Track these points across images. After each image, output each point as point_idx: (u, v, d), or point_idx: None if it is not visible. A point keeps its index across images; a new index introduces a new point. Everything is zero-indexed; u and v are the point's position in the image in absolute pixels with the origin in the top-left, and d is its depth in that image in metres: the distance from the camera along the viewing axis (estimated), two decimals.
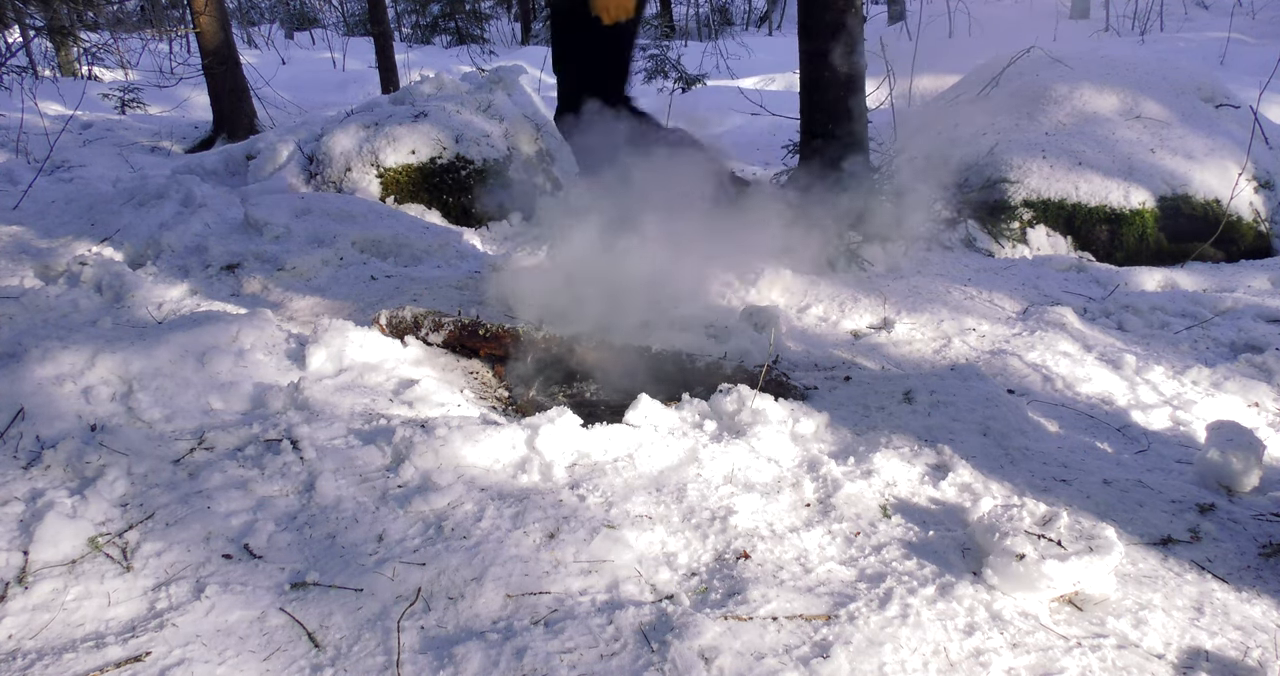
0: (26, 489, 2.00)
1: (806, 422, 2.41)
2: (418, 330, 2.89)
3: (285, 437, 2.23)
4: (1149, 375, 2.86)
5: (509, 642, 1.58)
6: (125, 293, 3.31)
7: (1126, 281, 3.85)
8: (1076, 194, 4.49)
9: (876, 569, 1.81)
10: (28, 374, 2.38)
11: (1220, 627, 1.68)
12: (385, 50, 7.60)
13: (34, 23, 9.31)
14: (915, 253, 4.17)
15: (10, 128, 6.43)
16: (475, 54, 13.05)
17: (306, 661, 1.56)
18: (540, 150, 5.62)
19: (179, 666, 1.52)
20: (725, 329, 3.16)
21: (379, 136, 5.05)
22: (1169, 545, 1.95)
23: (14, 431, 2.18)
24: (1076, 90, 4.97)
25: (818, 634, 1.60)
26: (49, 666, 1.53)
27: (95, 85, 9.97)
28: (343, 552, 1.85)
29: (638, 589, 1.75)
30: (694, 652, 1.54)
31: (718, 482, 2.11)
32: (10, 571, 1.75)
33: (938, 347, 3.11)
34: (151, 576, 1.76)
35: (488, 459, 2.16)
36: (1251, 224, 4.57)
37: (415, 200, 4.97)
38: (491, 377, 2.84)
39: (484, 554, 1.82)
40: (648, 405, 2.37)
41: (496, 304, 3.40)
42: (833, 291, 3.50)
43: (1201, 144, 4.71)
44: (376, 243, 4.23)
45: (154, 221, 4.16)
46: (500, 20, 18.09)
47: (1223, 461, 2.18)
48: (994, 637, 1.61)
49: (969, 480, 2.18)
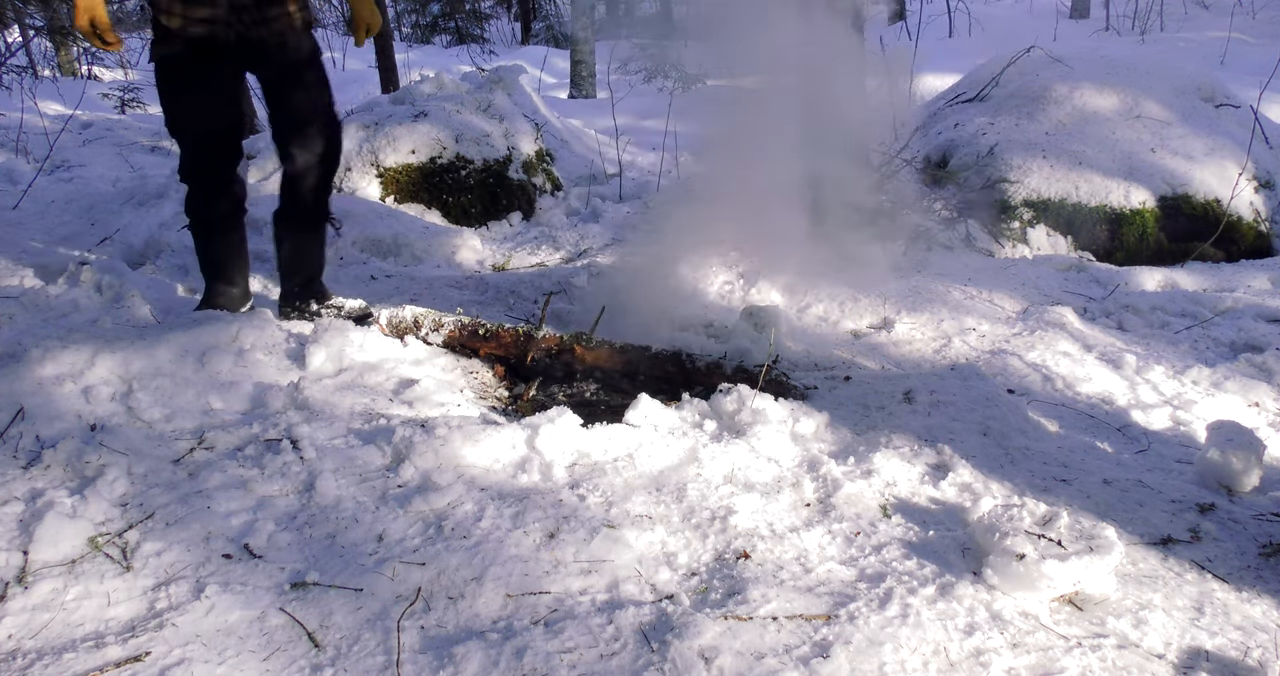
0: (26, 488, 1.99)
1: (806, 422, 2.41)
2: (418, 330, 2.89)
3: (285, 437, 2.23)
4: (1149, 375, 2.86)
5: (509, 642, 1.58)
6: (125, 293, 3.30)
7: (1126, 281, 3.85)
8: (1076, 194, 4.49)
9: (876, 568, 1.81)
10: (28, 373, 2.38)
11: (1220, 627, 1.68)
12: (385, 50, 7.59)
13: (34, 23, 9.31)
14: (915, 252, 4.17)
15: (10, 128, 6.43)
16: (475, 54, 13.06)
17: (306, 661, 1.56)
18: (540, 150, 5.62)
19: (179, 666, 1.52)
20: (725, 329, 3.16)
21: (379, 136, 5.05)
22: (1169, 545, 1.95)
23: (14, 431, 2.18)
24: (1076, 90, 4.97)
25: (818, 634, 1.60)
26: (49, 666, 1.52)
27: (95, 85, 9.97)
28: (343, 552, 1.85)
29: (638, 589, 1.75)
30: (694, 652, 1.54)
31: (718, 482, 2.11)
32: (10, 571, 1.74)
33: (938, 347, 3.11)
34: (151, 576, 1.76)
35: (488, 458, 2.16)
36: (1251, 224, 4.57)
37: (415, 200, 4.97)
38: (491, 377, 2.84)
39: (484, 553, 1.82)
40: (648, 405, 2.37)
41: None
42: (833, 291, 3.50)
43: (1201, 144, 4.71)
44: (376, 242, 4.24)
45: (154, 221, 4.16)
46: (500, 20, 18.09)
47: (1223, 461, 2.18)
48: (994, 637, 1.61)
49: (969, 480, 2.18)
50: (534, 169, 5.45)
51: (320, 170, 2.95)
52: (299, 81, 2.86)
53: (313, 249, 3.11)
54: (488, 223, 5.02)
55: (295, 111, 2.88)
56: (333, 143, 2.95)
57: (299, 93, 2.86)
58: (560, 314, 3.44)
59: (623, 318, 3.17)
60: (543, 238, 4.76)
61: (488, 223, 5.02)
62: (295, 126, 2.88)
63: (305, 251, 3.10)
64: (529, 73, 8.68)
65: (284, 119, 2.89)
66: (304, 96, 2.87)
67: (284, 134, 2.90)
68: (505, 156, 5.23)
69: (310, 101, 2.88)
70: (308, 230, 3.08)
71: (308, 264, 3.11)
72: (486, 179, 5.09)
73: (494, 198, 5.09)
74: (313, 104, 2.88)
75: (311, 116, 2.88)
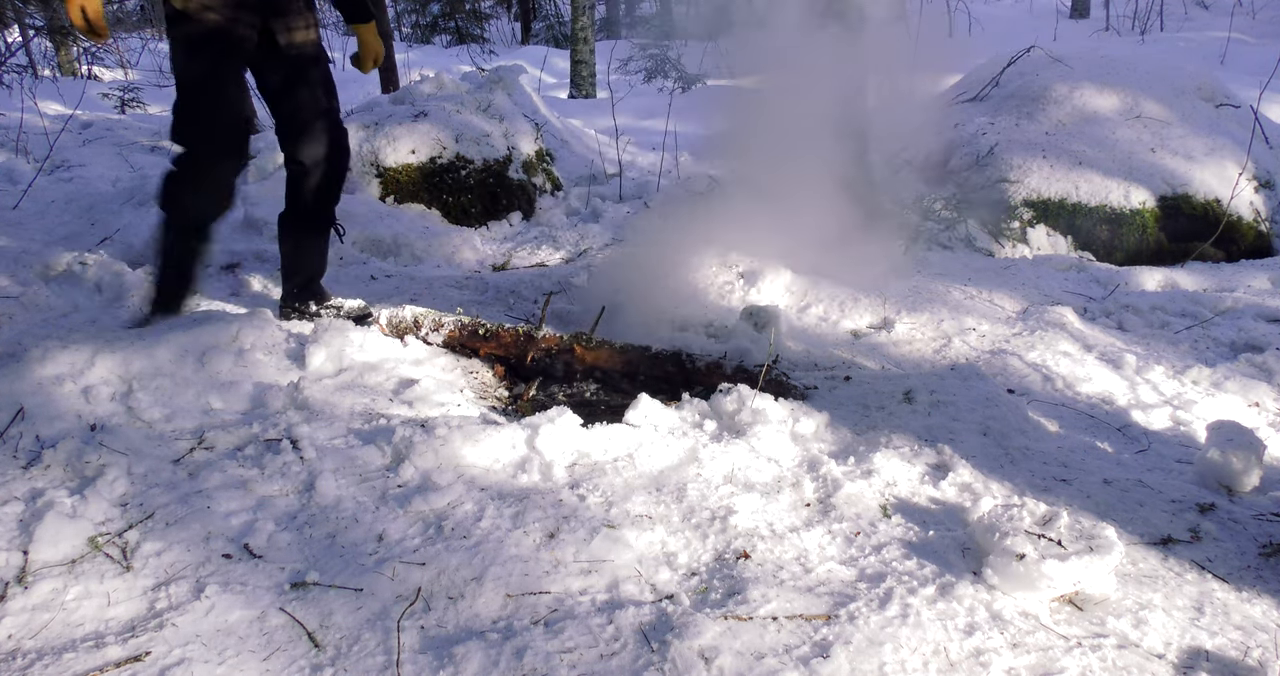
0: (26, 488, 1.99)
1: (806, 422, 2.41)
2: (418, 330, 2.89)
3: (285, 437, 2.23)
4: (1149, 375, 2.86)
5: (509, 642, 1.58)
6: (125, 293, 3.31)
7: (1126, 281, 3.85)
8: (1077, 194, 4.49)
9: (877, 568, 1.81)
10: (28, 373, 2.38)
11: (1220, 627, 1.68)
12: (385, 50, 7.59)
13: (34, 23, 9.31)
14: (915, 252, 4.17)
15: (10, 127, 6.43)
16: (475, 53, 13.06)
17: (306, 661, 1.56)
18: (540, 150, 5.62)
19: (179, 666, 1.52)
20: (725, 329, 3.16)
21: (379, 136, 5.05)
22: (1169, 545, 1.95)
23: (14, 431, 2.18)
24: (1077, 90, 4.97)
25: (818, 633, 1.60)
26: (49, 666, 1.52)
27: (95, 85, 9.97)
28: (343, 552, 1.85)
29: (638, 588, 1.75)
30: (694, 652, 1.54)
31: (718, 482, 2.11)
32: (10, 571, 1.74)
33: (938, 347, 3.11)
34: (151, 576, 1.76)
35: (488, 458, 2.16)
36: (1251, 223, 4.57)
37: (415, 200, 4.97)
38: (491, 377, 2.84)
39: (484, 553, 1.82)
40: (648, 405, 2.37)
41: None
42: (833, 291, 3.50)
43: (1201, 144, 4.71)
44: (376, 242, 4.24)
45: (154, 221, 4.15)
46: (500, 20, 18.09)
47: (1223, 461, 2.18)
48: (994, 637, 1.61)
49: (969, 480, 2.18)
50: (534, 169, 5.45)
51: (324, 175, 2.93)
52: (306, 83, 2.85)
53: (313, 251, 3.10)
54: (488, 222, 5.02)
55: (301, 115, 2.86)
56: (337, 147, 2.94)
57: (305, 95, 2.86)
58: (560, 314, 3.44)
59: (623, 317, 3.18)
60: (543, 237, 4.76)
61: (488, 222, 5.02)
62: (301, 130, 2.87)
63: (306, 253, 3.09)
64: (529, 73, 8.68)
65: (290, 122, 2.88)
66: (310, 99, 2.86)
67: (289, 138, 2.89)
68: (505, 156, 5.23)
69: (316, 105, 2.87)
70: (310, 233, 3.07)
71: (307, 265, 3.10)
72: (486, 179, 5.09)
73: (494, 198, 5.09)
74: (319, 108, 2.88)
75: (316, 120, 2.87)
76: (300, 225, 3.04)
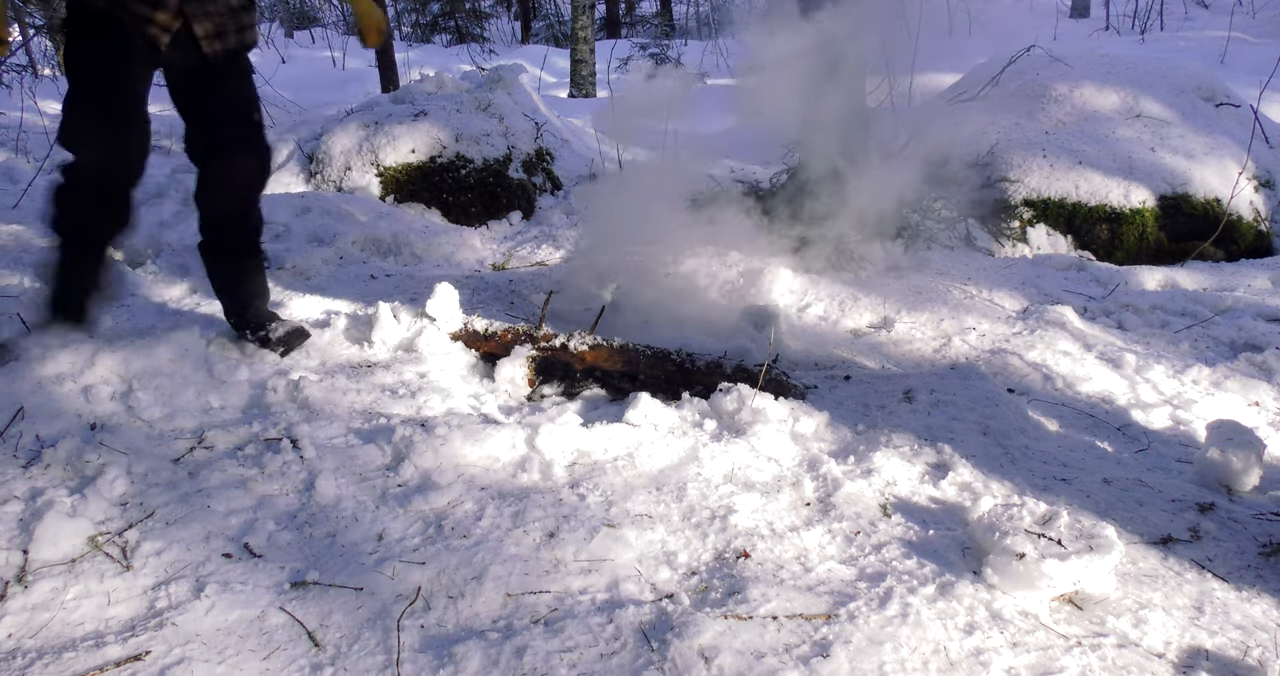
0: (26, 488, 1.99)
1: (806, 421, 2.41)
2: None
3: (285, 436, 2.23)
4: (1149, 374, 2.86)
5: (509, 641, 1.58)
6: (125, 292, 3.30)
7: (1126, 280, 3.85)
8: (1076, 193, 4.49)
9: (876, 568, 1.81)
10: (28, 373, 2.38)
11: (1220, 626, 1.68)
12: (385, 49, 7.59)
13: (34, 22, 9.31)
14: (915, 251, 4.16)
15: (10, 127, 6.42)
16: (475, 53, 13.05)
17: (306, 660, 1.56)
18: (540, 149, 5.62)
19: (179, 665, 1.52)
20: (725, 328, 3.16)
21: (379, 135, 5.05)
22: (1169, 544, 1.95)
23: (14, 430, 2.18)
24: (1077, 89, 4.97)
25: (818, 633, 1.60)
26: (49, 665, 1.52)
27: None
28: (342, 551, 1.85)
29: (638, 588, 1.75)
30: (694, 651, 1.54)
31: (718, 481, 2.11)
32: (10, 570, 1.74)
33: (938, 347, 3.11)
34: (151, 575, 1.76)
35: (488, 458, 2.16)
36: (1251, 223, 4.57)
37: (415, 199, 4.97)
38: (492, 377, 2.84)
39: (484, 553, 1.82)
40: (648, 404, 2.37)
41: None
42: (833, 290, 3.50)
43: (1202, 143, 4.70)
44: (376, 241, 4.23)
45: (154, 220, 4.16)
46: (500, 19, 18.07)
47: (1223, 460, 2.18)
48: (994, 636, 1.61)
49: (969, 479, 2.18)
50: (534, 168, 5.44)
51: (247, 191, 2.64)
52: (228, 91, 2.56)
53: (245, 277, 2.75)
54: (488, 222, 5.02)
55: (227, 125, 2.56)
56: (264, 162, 2.66)
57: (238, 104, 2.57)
58: (560, 313, 3.44)
59: (623, 317, 3.17)
60: (543, 237, 4.76)
61: (488, 222, 5.02)
62: (225, 143, 2.57)
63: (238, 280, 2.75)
64: (529, 72, 8.67)
65: (214, 134, 2.56)
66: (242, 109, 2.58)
67: (210, 151, 2.57)
68: (505, 155, 5.22)
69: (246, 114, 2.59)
70: (238, 259, 2.73)
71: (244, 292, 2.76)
72: (486, 178, 5.09)
73: (494, 197, 5.09)
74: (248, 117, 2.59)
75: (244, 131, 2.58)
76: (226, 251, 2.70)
